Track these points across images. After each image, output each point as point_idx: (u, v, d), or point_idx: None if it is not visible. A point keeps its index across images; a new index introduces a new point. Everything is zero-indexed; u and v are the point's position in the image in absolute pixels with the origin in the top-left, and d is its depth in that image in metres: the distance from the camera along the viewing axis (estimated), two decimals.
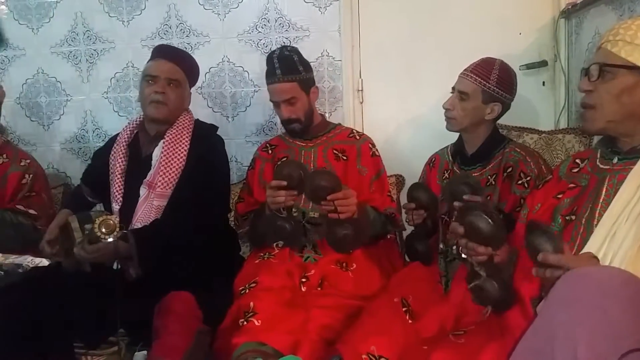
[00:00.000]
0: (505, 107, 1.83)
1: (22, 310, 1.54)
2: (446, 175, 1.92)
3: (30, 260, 1.88)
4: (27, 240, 2.09)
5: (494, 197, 1.73)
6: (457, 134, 1.91)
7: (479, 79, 1.78)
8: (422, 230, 1.82)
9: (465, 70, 1.84)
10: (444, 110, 1.85)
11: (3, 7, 2.67)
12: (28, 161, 2.22)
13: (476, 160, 1.84)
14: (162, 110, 1.93)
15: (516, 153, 1.76)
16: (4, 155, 2.19)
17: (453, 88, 1.85)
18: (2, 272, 1.80)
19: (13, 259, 1.87)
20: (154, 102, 1.91)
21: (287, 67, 1.98)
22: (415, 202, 1.77)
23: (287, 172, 1.75)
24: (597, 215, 1.26)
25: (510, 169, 1.74)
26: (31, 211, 2.15)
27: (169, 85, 1.94)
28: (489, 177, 1.78)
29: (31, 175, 2.20)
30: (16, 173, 2.17)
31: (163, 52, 2.03)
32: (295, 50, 2.06)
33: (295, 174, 1.75)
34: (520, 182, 1.69)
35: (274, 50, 2.05)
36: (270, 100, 2.05)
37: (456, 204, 1.54)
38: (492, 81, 1.78)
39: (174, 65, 1.97)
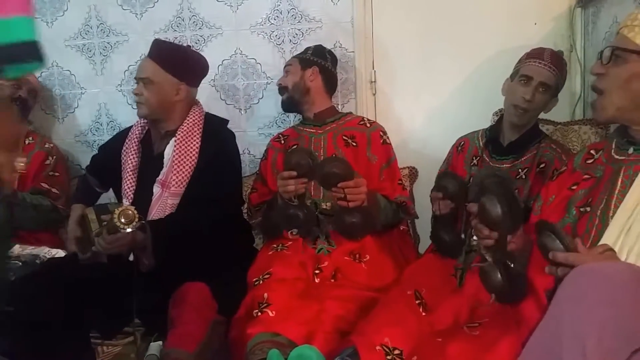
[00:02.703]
0: None
1: (38, 300, 1.56)
2: (474, 161, 1.86)
3: (47, 251, 1.91)
4: (47, 221, 2.23)
5: (525, 191, 1.69)
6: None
7: (558, 72, 1.70)
8: (448, 220, 1.73)
9: (539, 59, 1.72)
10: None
11: None
12: (51, 145, 2.41)
13: (510, 151, 1.78)
14: (141, 109, 1.94)
15: (551, 149, 1.73)
16: (30, 138, 2.39)
17: (526, 77, 1.72)
18: (20, 263, 1.83)
19: (30, 249, 1.91)
20: (136, 103, 1.95)
21: (302, 51, 2.24)
22: (442, 191, 1.68)
23: (295, 161, 1.77)
24: (612, 206, 1.24)
25: (543, 165, 1.70)
26: (54, 190, 2.27)
27: (144, 85, 1.92)
28: (520, 170, 1.74)
29: (54, 157, 2.38)
30: (40, 153, 2.34)
31: (150, 50, 1.99)
32: (320, 45, 2.26)
33: (303, 162, 1.77)
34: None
35: None
36: None
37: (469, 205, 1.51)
38: (564, 76, 1.72)
39: (150, 62, 1.94)
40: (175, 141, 1.92)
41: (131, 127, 2.08)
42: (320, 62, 2.16)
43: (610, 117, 1.29)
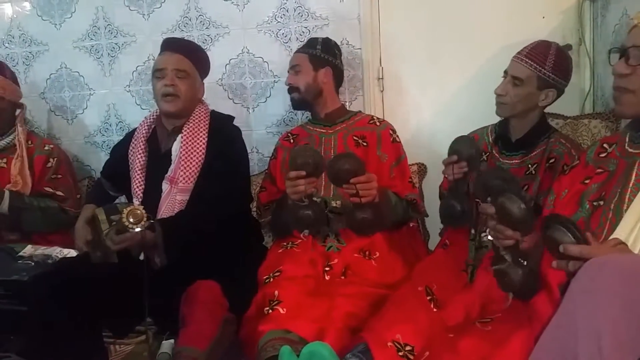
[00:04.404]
0: (560, 93, 1.77)
1: (51, 300, 1.57)
2: (484, 157, 1.86)
3: (59, 252, 1.93)
4: (56, 222, 2.23)
5: (534, 187, 1.68)
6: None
7: (535, 64, 1.70)
8: (462, 187, 1.71)
9: (519, 54, 1.76)
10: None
11: (26, 3, 2.71)
12: (51, 146, 2.37)
13: (519, 146, 1.78)
14: (175, 103, 1.93)
15: (561, 144, 1.72)
16: (29, 142, 2.34)
17: (505, 72, 1.77)
18: (33, 263, 1.84)
19: (42, 250, 1.92)
20: (166, 96, 1.92)
21: (307, 44, 2.16)
22: (457, 154, 1.68)
23: (302, 161, 1.77)
24: (626, 200, 1.23)
25: (553, 160, 1.69)
26: (59, 192, 2.28)
27: (178, 77, 1.93)
28: (530, 165, 1.74)
29: (55, 159, 2.34)
30: (41, 157, 2.31)
31: (168, 45, 2.03)
32: (327, 38, 2.20)
33: (310, 161, 1.77)
34: None
35: None
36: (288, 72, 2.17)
37: (483, 206, 1.50)
38: (548, 67, 1.70)
39: (180, 56, 1.96)
40: (181, 137, 1.93)
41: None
42: (332, 60, 2.14)
43: (637, 113, 1.27)
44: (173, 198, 1.88)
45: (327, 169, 1.77)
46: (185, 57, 1.97)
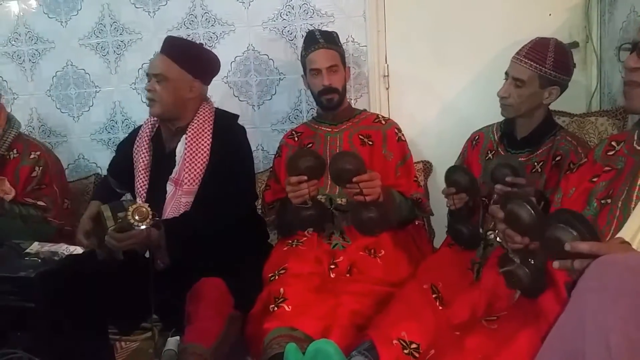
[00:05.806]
0: (563, 89, 1.75)
1: (57, 297, 1.58)
2: (489, 155, 1.85)
3: (65, 248, 1.93)
4: (36, 233, 2.06)
5: (540, 184, 1.68)
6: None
7: (534, 64, 1.69)
8: (464, 213, 1.74)
9: (517, 54, 1.74)
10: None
11: (32, 1, 2.71)
12: (38, 153, 2.22)
13: (525, 144, 1.77)
14: (155, 108, 1.92)
15: (567, 142, 1.70)
16: (15, 151, 2.20)
17: (506, 73, 1.76)
18: (39, 260, 1.85)
19: (49, 247, 1.92)
20: (149, 100, 1.92)
21: (329, 38, 2.06)
22: (455, 186, 1.69)
23: (304, 165, 1.77)
24: (634, 198, 1.22)
25: (559, 158, 1.68)
26: (40, 203, 2.17)
27: (157, 82, 1.90)
28: (536, 163, 1.73)
29: (41, 168, 2.21)
30: (26, 167, 2.18)
31: (162, 46, 1.99)
32: (335, 33, 2.14)
33: (312, 164, 1.77)
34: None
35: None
36: (311, 68, 2.04)
37: (498, 186, 1.50)
38: (549, 65, 1.69)
39: (164, 58, 1.92)
40: (186, 139, 1.92)
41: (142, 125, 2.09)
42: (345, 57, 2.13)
43: None
44: (178, 200, 1.88)
45: (329, 169, 1.76)
46: (169, 57, 1.92)
